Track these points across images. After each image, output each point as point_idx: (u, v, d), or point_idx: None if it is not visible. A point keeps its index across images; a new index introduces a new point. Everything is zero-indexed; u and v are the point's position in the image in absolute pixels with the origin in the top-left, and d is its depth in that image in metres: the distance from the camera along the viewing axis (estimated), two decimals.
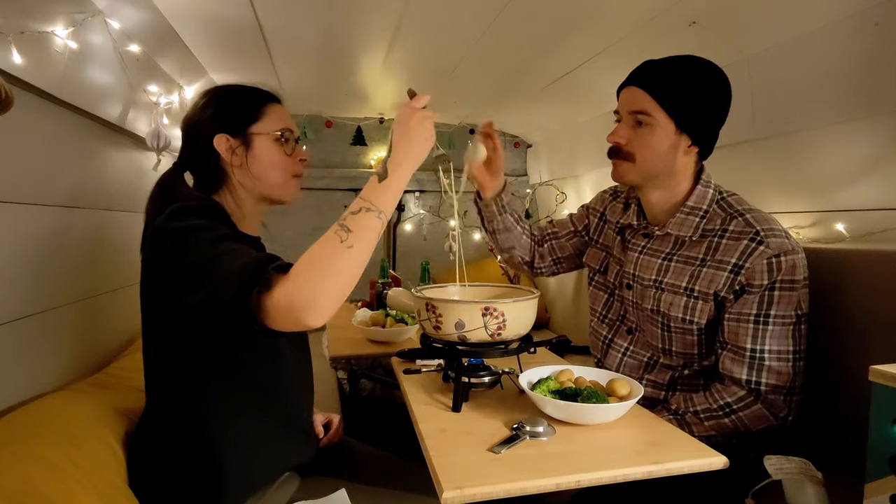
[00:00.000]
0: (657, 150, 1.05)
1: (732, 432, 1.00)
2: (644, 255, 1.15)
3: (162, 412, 0.93)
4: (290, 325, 0.72)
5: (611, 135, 1.09)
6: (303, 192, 1.02)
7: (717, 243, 1.04)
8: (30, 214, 1.08)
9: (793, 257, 0.98)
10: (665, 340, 1.10)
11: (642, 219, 1.18)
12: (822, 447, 0.99)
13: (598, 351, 1.27)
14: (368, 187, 0.81)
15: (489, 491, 0.68)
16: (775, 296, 0.98)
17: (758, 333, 0.99)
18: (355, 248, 0.75)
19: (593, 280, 1.31)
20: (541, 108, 2.42)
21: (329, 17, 1.48)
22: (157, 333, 0.91)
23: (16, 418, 0.90)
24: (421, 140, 0.85)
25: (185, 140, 1.01)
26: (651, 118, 1.03)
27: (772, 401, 0.99)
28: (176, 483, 0.89)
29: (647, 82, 1.04)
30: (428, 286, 1.12)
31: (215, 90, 1.02)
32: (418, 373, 1.09)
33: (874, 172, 1.20)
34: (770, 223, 1.01)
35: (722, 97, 1.05)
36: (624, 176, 1.11)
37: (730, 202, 1.07)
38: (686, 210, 1.08)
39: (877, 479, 0.63)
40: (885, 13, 1.08)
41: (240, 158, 0.96)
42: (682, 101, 1.02)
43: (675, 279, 1.07)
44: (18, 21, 0.97)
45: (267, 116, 0.99)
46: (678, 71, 1.03)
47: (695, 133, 1.04)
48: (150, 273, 0.89)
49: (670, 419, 1.02)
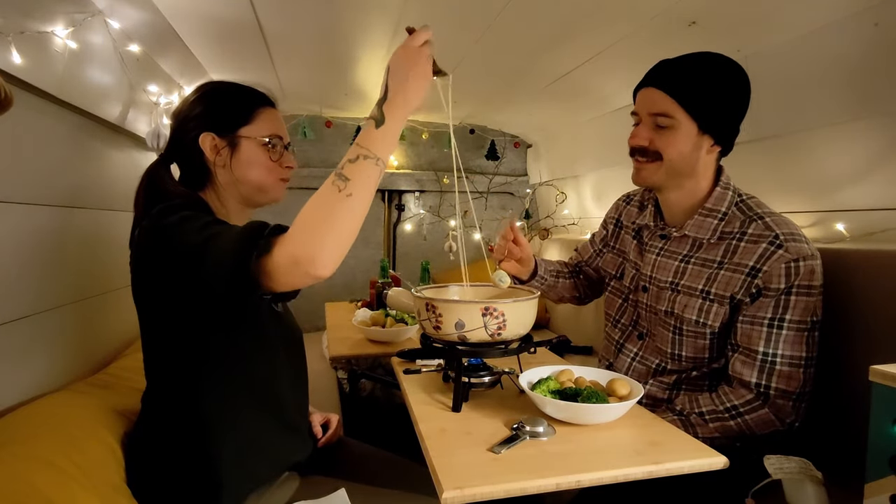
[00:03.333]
0: (681, 151, 1.03)
1: (737, 435, 1.00)
2: (661, 256, 1.14)
3: (160, 409, 0.93)
4: (298, 281, 0.71)
5: (632, 137, 1.08)
6: (303, 192, 1.02)
7: (736, 246, 1.03)
8: (30, 214, 1.08)
9: (812, 263, 0.97)
10: (675, 345, 1.09)
11: (660, 220, 1.17)
12: (821, 447, 0.99)
13: (609, 355, 1.27)
14: (365, 133, 0.78)
15: (489, 491, 0.68)
16: (791, 300, 0.97)
17: (771, 337, 0.98)
18: (354, 197, 0.72)
19: (609, 285, 1.30)
20: (541, 108, 2.42)
21: (329, 17, 1.48)
22: (153, 329, 0.91)
23: (15, 418, 0.90)
24: (418, 79, 0.80)
25: (173, 133, 0.99)
26: (673, 120, 1.02)
27: (780, 406, 0.98)
28: (174, 479, 0.89)
29: (666, 83, 1.02)
30: (428, 286, 1.12)
31: (209, 86, 1.01)
32: (418, 372, 1.09)
33: (874, 172, 1.20)
34: (790, 227, 1.00)
35: (742, 93, 1.03)
36: (649, 178, 1.08)
37: (749, 205, 1.06)
38: (704, 212, 1.07)
39: (877, 479, 0.63)
40: (885, 13, 1.08)
41: (224, 159, 0.96)
42: (705, 102, 1.01)
43: (691, 281, 1.07)
44: (18, 21, 0.97)
45: (258, 120, 0.98)
46: (698, 70, 1.02)
47: (717, 133, 1.03)
48: (143, 270, 0.88)
49: (674, 420, 1.02)
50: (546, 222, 3.02)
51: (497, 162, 3.14)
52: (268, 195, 1.01)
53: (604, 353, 1.31)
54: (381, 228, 3.08)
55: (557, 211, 2.89)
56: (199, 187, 0.98)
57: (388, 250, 3.11)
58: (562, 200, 2.86)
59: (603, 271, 1.34)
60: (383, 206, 3.07)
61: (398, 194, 3.09)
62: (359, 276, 3.03)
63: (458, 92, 2.33)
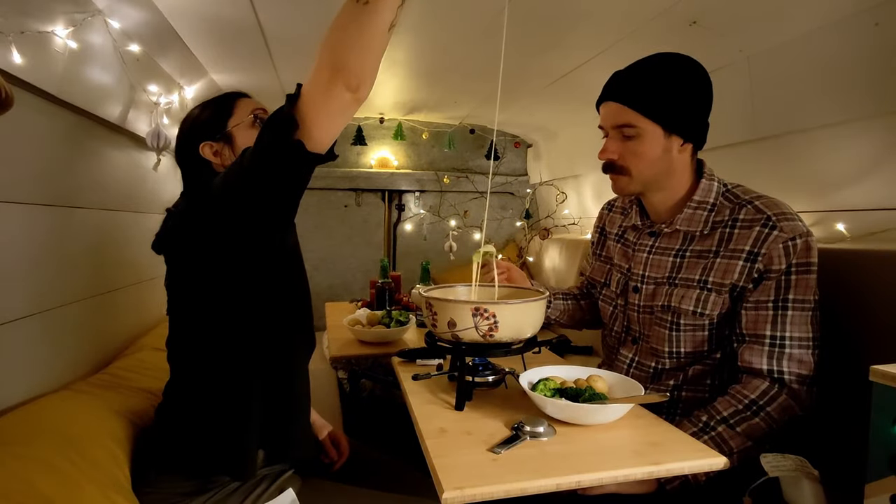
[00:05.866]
0: (651, 159, 1.04)
1: (765, 435, 0.96)
2: (654, 254, 1.13)
3: (187, 382, 0.98)
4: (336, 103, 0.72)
5: (601, 152, 1.09)
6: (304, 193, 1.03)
7: (729, 234, 1.03)
8: (30, 214, 1.08)
9: (806, 239, 0.97)
10: (673, 342, 1.08)
11: (646, 219, 1.17)
12: (821, 446, 0.99)
13: (609, 362, 1.27)
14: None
15: (489, 491, 0.68)
16: (793, 280, 0.97)
17: (777, 319, 0.97)
18: (371, 4, 0.70)
19: (601, 294, 1.30)
20: (541, 108, 2.42)
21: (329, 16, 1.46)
22: (194, 302, 0.96)
23: (16, 418, 0.90)
24: None
25: (181, 166, 1.05)
26: (637, 129, 1.03)
27: (796, 391, 0.96)
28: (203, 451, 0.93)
29: (621, 94, 1.04)
30: (438, 286, 1.11)
31: (187, 114, 1.07)
32: (428, 377, 1.06)
33: (874, 172, 1.20)
34: (780, 207, 1.00)
35: (701, 87, 1.03)
36: (624, 189, 1.10)
37: (736, 193, 1.06)
38: (693, 205, 1.07)
39: (877, 480, 0.63)
40: (885, 13, 1.08)
41: (227, 157, 1.01)
42: (664, 105, 1.01)
43: (688, 274, 1.06)
44: (18, 21, 0.97)
45: (239, 108, 1.03)
46: (650, 75, 1.02)
47: (684, 131, 1.03)
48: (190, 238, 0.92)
49: (707, 441, 0.94)
50: (546, 222, 3.02)
51: (497, 162, 3.14)
52: None
53: (605, 360, 1.31)
54: (381, 228, 3.08)
55: (558, 211, 2.89)
56: None
57: (389, 250, 3.11)
58: (562, 200, 2.86)
59: (593, 280, 1.34)
60: (383, 206, 3.07)
61: (398, 194, 3.09)
62: (359, 276, 3.03)
63: (458, 92, 2.34)
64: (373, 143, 3.01)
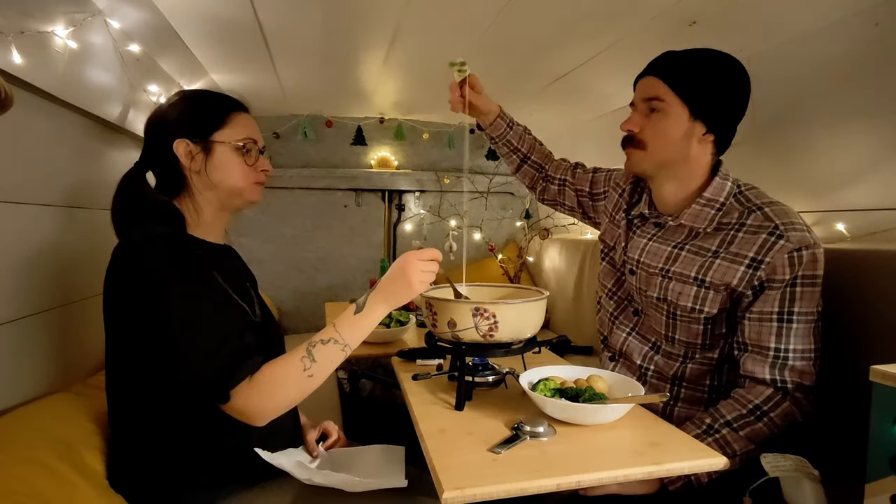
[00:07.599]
0: (670, 137, 1.04)
1: (767, 439, 0.96)
2: (654, 242, 1.13)
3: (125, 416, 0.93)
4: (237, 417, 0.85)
5: (624, 123, 1.09)
6: (303, 192, 1.03)
7: (733, 236, 1.02)
8: (30, 214, 1.08)
9: (813, 251, 0.96)
10: (669, 328, 1.09)
11: (653, 209, 1.16)
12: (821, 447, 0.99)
13: (603, 328, 1.26)
14: (343, 318, 0.89)
15: (489, 491, 0.68)
16: (797, 292, 0.96)
17: (781, 332, 0.97)
18: (314, 378, 0.86)
19: (607, 256, 1.29)
20: (541, 108, 2.41)
21: (329, 16, 1.48)
22: (119, 351, 0.92)
23: (13, 420, 0.90)
24: (406, 289, 0.90)
25: (147, 141, 0.99)
26: (664, 103, 1.03)
27: (798, 399, 0.97)
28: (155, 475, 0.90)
29: (660, 70, 1.05)
30: (437, 286, 1.10)
31: (183, 94, 1.01)
32: (428, 377, 1.06)
33: (875, 172, 1.20)
34: (790, 216, 0.99)
35: (737, 85, 1.03)
36: (637, 165, 1.09)
37: (748, 196, 1.05)
38: (702, 202, 1.06)
39: (877, 479, 0.63)
40: (885, 13, 1.08)
41: (198, 164, 0.95)
42: (695, 86, 1.01)
43: (683, 268, 1.06)
44: (18, 21, 0.97)
45: (232, 124, 0.97)
46: (693, 58, 1.03)
47: (709, 119, 1.03)
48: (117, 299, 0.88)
49: (710, 443, 0.95)
50: (546, 222, 3.01)
51: (497, 162, 3.14)
52: (243, 198, 1.00)
53: (598, 326, 1.30)
54: (381, 228, 3.08)
55: None
56: (174, 194, 0.98)
57: (388, 250, 3.11)
58: None
59: (604, 241, 1.31)
60: (383, 206, 3.07)
61: (398, 194, 3.08)
62: (359, 277, 3.03)
63: None
64: (373, 143, 3.01)
